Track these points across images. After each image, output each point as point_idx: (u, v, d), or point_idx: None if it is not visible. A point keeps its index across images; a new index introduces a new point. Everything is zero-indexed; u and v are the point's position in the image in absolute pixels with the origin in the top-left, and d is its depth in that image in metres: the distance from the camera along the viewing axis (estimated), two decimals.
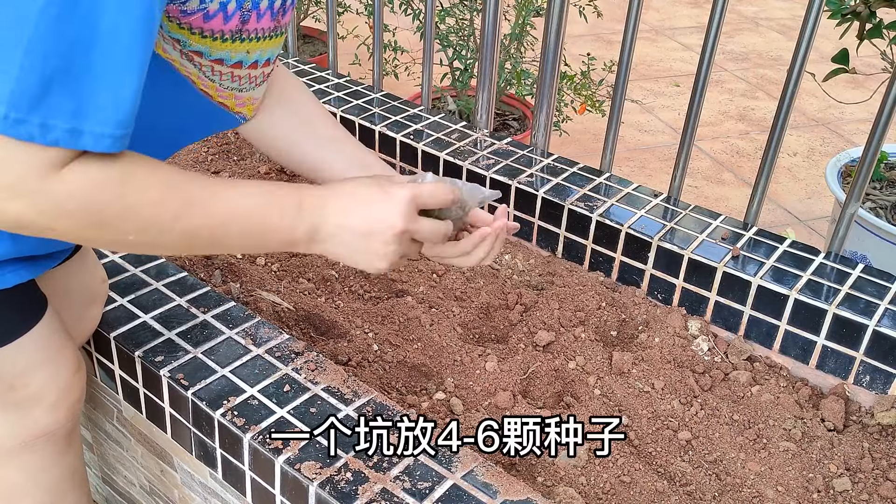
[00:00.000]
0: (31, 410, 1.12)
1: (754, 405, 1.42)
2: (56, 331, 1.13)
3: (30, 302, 1.07)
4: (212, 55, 0.91)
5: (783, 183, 3.17)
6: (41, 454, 1.17)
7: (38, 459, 1.17)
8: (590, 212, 1.67)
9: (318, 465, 1.09)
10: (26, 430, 1.14)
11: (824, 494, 1.29)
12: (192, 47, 0.89)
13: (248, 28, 0.91)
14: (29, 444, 1.15)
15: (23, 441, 1.14)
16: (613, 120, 1.81)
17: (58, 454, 1.19)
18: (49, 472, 1.19)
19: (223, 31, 0.89)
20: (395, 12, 2.78)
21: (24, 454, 1.15)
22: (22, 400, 1.10)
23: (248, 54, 0.95)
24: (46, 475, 1.19)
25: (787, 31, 4.83)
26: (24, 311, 1.07)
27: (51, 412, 1.14)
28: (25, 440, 1.14)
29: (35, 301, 1.08)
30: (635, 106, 3.73)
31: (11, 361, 1.06)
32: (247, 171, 1.99)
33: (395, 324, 1.54)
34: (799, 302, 1.47)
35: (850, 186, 1.56)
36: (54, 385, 1.13)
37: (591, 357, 1.50)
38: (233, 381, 1.23)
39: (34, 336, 1.07)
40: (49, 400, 1.13)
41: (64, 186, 0.72)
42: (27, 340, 1.06)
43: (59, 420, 1.16)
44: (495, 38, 1.88)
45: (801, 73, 1.54)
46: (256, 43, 0.95)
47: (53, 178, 0.71)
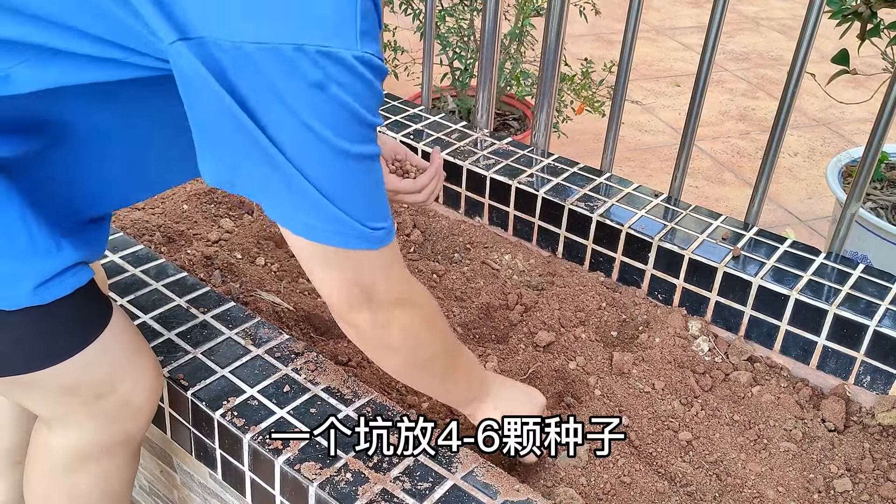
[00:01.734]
0: (118, 416, 1.10)
1: (755, 406, 1.42)
2: (131, 330, 1.12)
3: (100, 301, 1.05)
4: None
5: (784, 183, 3.17)
6: (118, 459, 1.16)
7: (114, 466, 1.16)
8: (590, 212, 1.67)
9: (318, 466, 1.09)
10: (110, 436, 1.12)
11: (825, 495, 1.29)
12: None
13: None
14: (109, 448, 1.13)
15: (105, 447, 1.13)
16: (613, 120, 1.81)
17: (130, 460, 1.18)
18: (119, 479, 1.18)
19: None
20: (395, 12, 2.78)
21: (101, 460, 1.14)
22: (110, 406, 1.08)
23: None
24: (115, 482, 1.18)
25: (787, 30, 4.83)
26: (98, 310, 1.05)
27: (135, 416, 1.12)
28: (108, 445, 1.13)
29: (104, 300, 1.06)
30: (635, 106, 3.73)
31: (97, 365, 1.04)
32: None
33: None
34: (799, 302, 1.47)
35: (851, 186, 1.56)
36: (140, 388, 1.11)
37: (592, 357, 1.49)
38: (233, 382, 1.23)
39: (113, 335, 1.05)
40: (135, 404, 1.11)
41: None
42: (109, 340, 1.04)
43: (141, 426, 1.15)
44: (495, 38, 1.88)
45: (802, 73, 1.54)
46: None
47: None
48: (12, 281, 0.91)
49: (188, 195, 1.86)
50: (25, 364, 0.98)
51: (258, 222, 1.79)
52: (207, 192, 1.88)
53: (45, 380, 1.00)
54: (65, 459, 1.12)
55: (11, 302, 0.91)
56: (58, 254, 0.94)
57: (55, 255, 0.94)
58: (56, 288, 0.94)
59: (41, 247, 0.93)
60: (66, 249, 0.96)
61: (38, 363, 0.98)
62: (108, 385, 1.06)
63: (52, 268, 0.93)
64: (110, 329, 1.04)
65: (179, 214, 1.80)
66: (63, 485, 1.14)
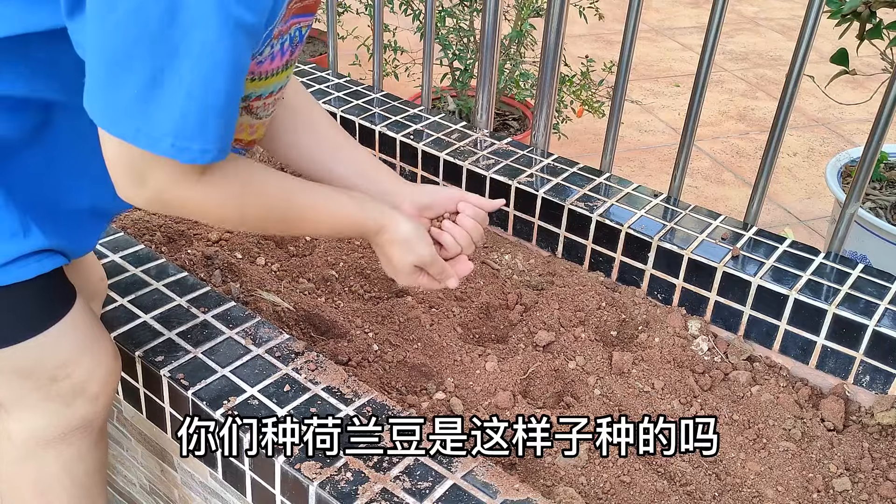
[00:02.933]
0: (74, 401, 1.12)
1: (754, 405, 1.42)
2: (91, 318, 1.13)
3: (63, 288, 1.07)
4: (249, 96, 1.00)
5: (783, 183, 3.17)
6: (78, 445, 1.17)
7: (75, 451, 1.17)
8: (590, 212, 1.67)
9: (318, 465, 1.09)
10: (67, 422, 1.13)
11: (824, 494, 1.29)
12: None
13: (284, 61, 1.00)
14: (68, 435, 1.15)
15: (63, 432, 1.14)
16: (613, 120, 1.81)
17: (92, 445, 1.20)
18: (83, 463, 1.20)
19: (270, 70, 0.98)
20: (395, 12, 2.78)
21: (61, 446, 1.15)
22: (65, 391, 1.10)
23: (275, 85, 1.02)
24: (81, 467, 1.19)
25: (787, 31, 4.83)
26: (60, 297, 1.06)
27: (92, 402, 1.14)
28: (65, 431, 1.14)
29: (67, 288, 1.08)
30: (635, 106, 3.73)
31: (53, 349, 1.06)
32: None
33: (395, 324, 1.54)
34: (799, 302, 1.47)
35: (850, 186, 1.56)
36: (96, 374, 1.13)
37: (591, 357, 1.50)
38: (233, 381, 1.23)
39: (72, 322, 1.07)
40: (91, 390, 1.13)
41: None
42: (66, 326, 1.06)
43: (98, 410, 1.16)
44: (495, 39, 1.88)
45: (801, 74, 1.54)
46: (283, 73, 1.02)
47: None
48: None
49: None
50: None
51: None
52: None
53: (4, 359, 1.02)
54: (25, 445, 1.13)
55: None
56: (24, 238, 0.96)
57: (20, 239, 0.95)
58: (16, 271, 0.95)
59: (5, 228, 0.94)
60: (34, 235, 0.97)
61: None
62: (62, 370, 1.08)
63: (14, 251, 0.94)
64: (69, 316, 1.06)
65: None
66: (27, 472, 1.15)
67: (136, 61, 0.78)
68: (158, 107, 0.80)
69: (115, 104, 0.81)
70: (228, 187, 0.94)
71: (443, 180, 1.88)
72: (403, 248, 1.11)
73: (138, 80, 0.79)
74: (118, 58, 0.79)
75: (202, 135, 0.83)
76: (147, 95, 0.79)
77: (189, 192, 0.90)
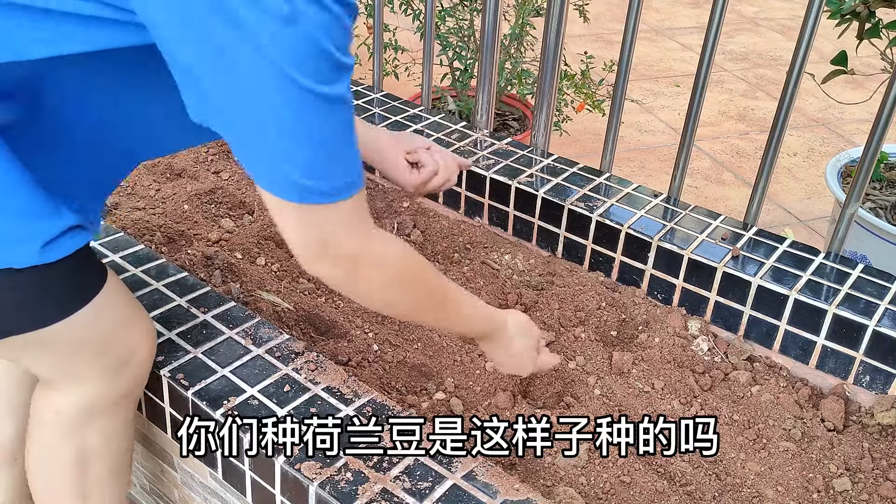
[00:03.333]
0: (122, 370, 1.14)
1: (754, 405, 1.42)
2: (125, 288, 1.16)
3: (96, 262, 1.10)
4: None
5: (783, 183, 3.17)
6: (122, 416, 1.19)
7: (119, 421, 1.19)
8: (590, 212, 1.67)
9: (318, 465, 1.09)
10: (115, 391, 1.15)
11: (824, 494, 1.29)
12: None
13: None
14: (114, 405, 1.17)
15: (110, 403, 1.16)
16: (613, 120, 1.81)
17: (131, 416, 1.22)
18: (122, 435, 1.21)
19: None
20: (395, 12, 2.78)
21: (106, 417, 1.17)
22: (114, 360, 1.13)
23: None
24: (119, 439, 1.21)
25: (786, 31, 4.83)
26: (95, 270, 1.09)
27: (137, 370, 1.17)
28: (113, 402, 1.16)
29: (98, 262, 1.11)
30: (635, 106, 3.73)
31: (100, 321, 1.08)
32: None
33: (395, 324, 1.54)
34: (799, 302, 1.47)
35: (850, 186, 1.56)
36: (141, 341, 1.16)
37: (591, 357, 1.50)
38: (233, 381, 1.23)
39: (112, 292, 1.09)
40: (137, 358, 1.16)
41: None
42: (108, 297, 1.08)
43: (141, 378, 1.19)
44: (495, 39, 1.88)
45: (801, 74, 1.54)
46: None
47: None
48: (22, 240, 0.94)
49: (189, 195, 1.86)
50: (37, 320, 1.01)
51: (258, 222, 1.80)
52: (208, 193, 1.88)
53: (59, 334, 1.04)
54: (73, 418, 1.15)
55: (22, 260, 0.94)
56: (59, 216, 0.98)
57: (57, 217, 0.98)
58: (60, 248, 0.97)
59: (44, 208, 0.96)
60: (64, 212, 0.99)
61: (50, 318, 1.02)
62: (114, 335, 1.11)
63: (56, 228, 0.97)
64: (108, 287, 1.08)
65: (180, 214, 1.80)
66: (70, 445, 1.16)
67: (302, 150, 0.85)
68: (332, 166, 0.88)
69: (283, 177, 0.86)
70: (398, 244, 1.01)
71: None
72: (526, 330, 1.25)
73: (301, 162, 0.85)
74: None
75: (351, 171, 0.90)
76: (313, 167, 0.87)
77: (367, 250, 0.96)
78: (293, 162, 0.84)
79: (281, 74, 0.78)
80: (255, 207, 1.85)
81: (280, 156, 0.84)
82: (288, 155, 0.84)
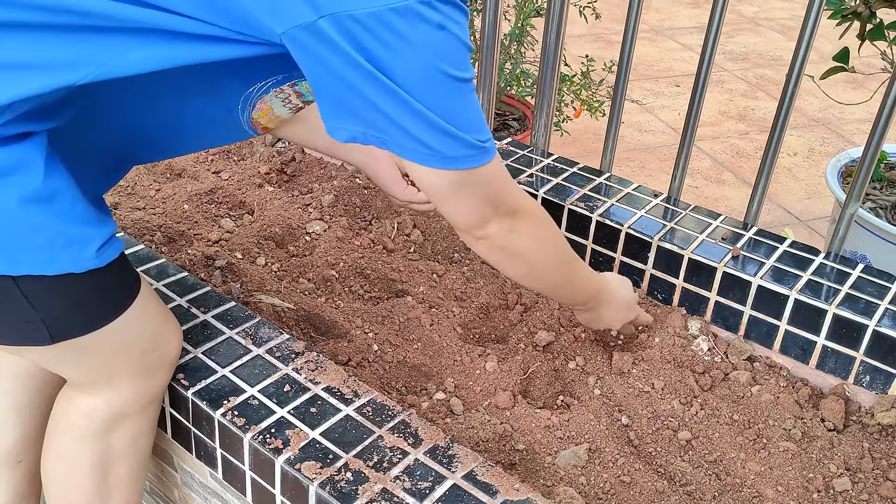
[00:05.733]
0: (157, 371, 1.16)
1: (754, 405, 1.42)
2: (154, 292, 1.18)
3: (131, 267, 1.12)
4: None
5: (783, 183, 3.17)
6: (148, 419, 1.21)
7: (145, 423, 1.20)
8: (590, 212, 1.67)
9: (318, 465, 1.09)
10: (149, 393, 1.17)
11: (824, 494, 1.29)
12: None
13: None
14: (145, 407, 1.18)
15: (143, 404, 1.18)
16: (613, 120, 1.81)
17: (155, 419, 1.23)
18: (147, 436, 1.23)
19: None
20: None
21: (134, 419, 1.18)
22: (152, 362, 1.15)
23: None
24: (143, 441, 1.22)
25: (787, 31, 4.83)
26: (132, 275, 1.11)
27: (169, 371, 1.19)
28: (145, 403, 1.18)
29: (132, 267, 1.13)
30: (635, 106, 3.73)
31: (140, 324, 1.10)
32: (246, 171, 1.99)
33: (395, 324, 1.54)
34: (799, 302, 1.47)
35: (850, 186, 1.56)
36: (174, 343, 1.18)
37: (591, 357, 1.50)
38: (233, 381, 1.23)
39: (147, 296, 1.12)
40: (171, 359, 1.18)
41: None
42: (144, 301, 1.10)
43: (167, 380, 1.20)
44: (495, 39, 1.88)
45: (801, 74, 1.54)
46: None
47: None
48: (81, 244, 0.97)
49: (189, 195, 1.86)
50: (93, 321, 1.04)
51: (258, 222, 1.80)
52: (208, 193, 1.88)
53: (107, 336, 1.06)
54: (103, 422, 1.16)
55: (81, 264, 0.98)
56: (107, 220, 1.02)
57: (106, 221, 1.02)
58: (111, 250, 1.01)
59: (95, 213, 1.00)
60: (108, 216, 1.04)
61: (105, 317, 1.05)
62: (151, 342, 1.13)
63: (106, 232, 1.01)
64: (143, 291, 1.11)
65: (180, 214, 1.80)
66: (96, 449, 1.17)
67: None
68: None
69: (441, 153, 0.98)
70: (541, 214, 1.17)
71: None
72: (624, 281, 1.45)
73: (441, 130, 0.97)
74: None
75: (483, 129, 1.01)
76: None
77: (519, 202, 1.10)
78: (452, 136, 0.95)
79: (440, 72, 0.92)
80: (254, 207, 1.85)
81: (440, 134, 0.95)
82: (446, 132, 0.95)
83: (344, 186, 1.92)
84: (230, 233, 1.76)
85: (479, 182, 1.02)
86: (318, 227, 1.79)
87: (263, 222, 1.79)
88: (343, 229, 1.79)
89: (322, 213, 1.85)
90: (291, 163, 2.02)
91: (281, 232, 1.77)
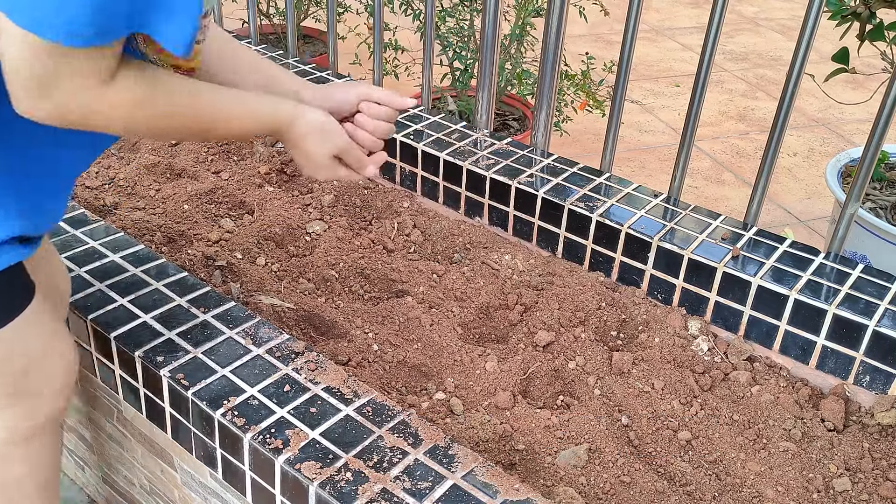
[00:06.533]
0: (42, 394, 1.12)
1: (754, 405, 1.42)
2: (51, 310, 1.13)
3: (24, 280, 1.07)
4: None
5: (783, 183, 3.17)
6: (43, 442, 1.17)
7: (42, 448, 1.17)
8: (590, 212, 1.67)
9: (318, 465, 1.09)
10: (39, 416, 1.14)
11: (824, 494, 1.29)
12: None
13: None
14: (38, 431, 1.15)
15: (34, 428, 1.14)
16: (613, 120, 1.81)
17: (55, 441, 1.20)
18: (47, 461, 1.19)
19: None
20: (395, 12, 2.78)
21: (29, 444, 1.15)
22: (36, 384, 1.10)
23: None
24: (45, 465, 1.19)
25: (787, 31, 4.83)
26: (22, 289, 1.06)
27: (59, 395, 1.15)
28: (37, 427, 1.14)
29: (28, 281, 1.08)
30: (635, 106, 3.73)
31: (22, 342, 1.05)
32: (247, 172, 1.99)
33: (395, 324, 1.54)
34: (799, 302, 1.47)
35: (850, 186, 1.56)
36: (62, 365, 1.13)
37: (591, 357, 1.50)
38: (233, 381, 1.23)
39: (35, 314, 1.06)
40: (59, 382, 1.13)
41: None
42: (31, 318, 1.05)
43: (63, 403, 1.17)
44: (495, 39, 1.88)
45: (801, 74, 1.54)
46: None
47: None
48: None
49: (189, 195, 1.86)
50: None
51: (258, 222, 1.80)
52: (208, 193, 1.88)
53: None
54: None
55: None
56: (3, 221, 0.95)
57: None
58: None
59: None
60: (5, 222, 0.96)
61: None
62: (33, 362, 1.08)
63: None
64: (32, 308, 1.06)
65: (180, 214, 1.80)
66: None
67: None
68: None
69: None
70: (136, 90, 0.92)
71: (443, 180, 1.88)
72: (319, 138, 1.12)
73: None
74: None
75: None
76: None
77: (97, 100, 0.88)
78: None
79: None
80: (254, 207, 1.85)
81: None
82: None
83: (344, 186, 1.92)
84: (230, 233, 1.76)
85: (49, 59, 0.83)
86: (318, 227, 1.80)
87: (263, 222, 1.79)
88: (343, 229, 1.79)
89: (322, 213, 1.85)
90: (291, 162, 2.02)
91: (281, 232, 1.77)
